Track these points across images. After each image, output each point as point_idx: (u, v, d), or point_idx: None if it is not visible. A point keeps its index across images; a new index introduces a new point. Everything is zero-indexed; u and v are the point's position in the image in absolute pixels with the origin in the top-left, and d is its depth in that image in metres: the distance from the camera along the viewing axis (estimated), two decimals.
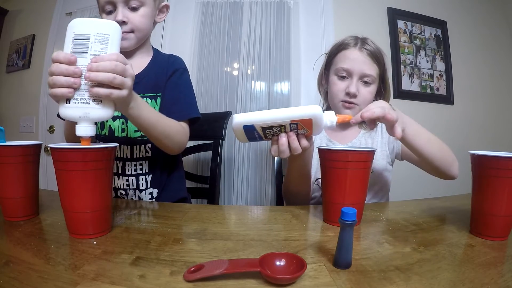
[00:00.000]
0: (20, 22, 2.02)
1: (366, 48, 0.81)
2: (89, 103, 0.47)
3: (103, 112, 0.49)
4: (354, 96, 0.81)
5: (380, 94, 0.87)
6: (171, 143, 0.72)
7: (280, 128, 0.55)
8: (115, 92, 0.49)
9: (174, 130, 0.72)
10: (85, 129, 0.48)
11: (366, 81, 0.82)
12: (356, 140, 0.87)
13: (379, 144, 0.86)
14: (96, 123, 0.49)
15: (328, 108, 0.93)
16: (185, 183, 0.98)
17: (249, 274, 0.33)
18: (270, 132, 0.57)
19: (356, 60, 0.81)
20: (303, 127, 0.55)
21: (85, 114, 0.48)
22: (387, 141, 0.87)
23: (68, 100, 0.47)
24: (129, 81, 0.51)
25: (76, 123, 0.48)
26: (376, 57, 0.81)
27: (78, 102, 0.47)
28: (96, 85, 0.47)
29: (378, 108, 0.57)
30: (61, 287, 0.30)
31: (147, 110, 0.63)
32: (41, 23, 1.88)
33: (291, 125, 0.54)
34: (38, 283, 0.31)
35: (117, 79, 0.48)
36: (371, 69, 0.81)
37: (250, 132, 0.57)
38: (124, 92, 0.50)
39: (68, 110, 0.47)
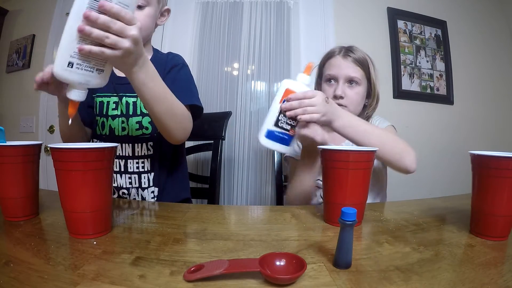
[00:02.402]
0: (20, 22, 2.02)
1: (349, 55, 0.87)
2: (92, 72, 0.47)
3: (101, 81, 0.50)
4: (341, 97, 0.86)
5: (370, 95, 0.91)
6: (175, 124, 0.68)
7: (284, 115, 0.64)
8: (107, 52, 0.46)
9: (180, 111, 0.69)
10: (79, 94, 0.48)
11: (352, 83, 0.87)
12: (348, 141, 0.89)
13: None
14: (97, 122, 0.48)
15: None
16: (189, 184, 0.98)
17: (249, 274, 0.33)
18: (285, 123, 0.64)
19: (340, 66, 0.87)
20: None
21: (86, 81, 0.48)
22: None
23: (70, 63, 0.45)
24: (126, 42, 0.48)
25: (66, 85, 0.49)
26: (360, 61, 0.87)
27: (82, 69, 0.47)
28: (90, 42, 0.45)
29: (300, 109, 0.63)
30: (61, 287, 0.30)
31: (155, 81, 0.60)
32: (41, 23, 1.88)
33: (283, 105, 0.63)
34: (38, 283, 0.31)
35: (110, 38, 0.46)
36: (355, 72, 0.86)
37: (274, 136, 0.63)
38: (117, 53, 0.48)
39: (69, 74, 0.46)
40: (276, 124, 0.63)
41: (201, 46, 1.65)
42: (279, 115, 0.63)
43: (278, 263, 0.35)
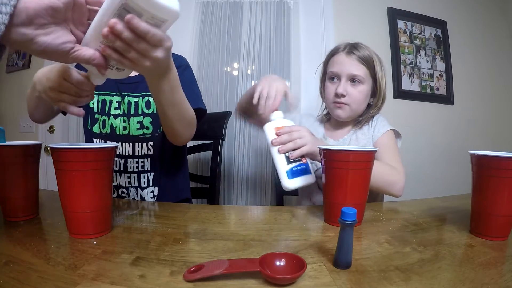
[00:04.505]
0: None
1: (353, 52, 0.84)
2: (111, 69, 0.48)
3: (120, 75, 0.51)
4: (343, 96, 0.84)
5: (375, 94, 0.89)
6: (183, 128, 0.69)
7: None
8: (127, 63, 0.45)
9: (190, 116, 0.69)
10: (99, 80, 0.51)
11: (355, 81, 0.84)
12: (346, 136, 0.91)
13: (364, 142, 0.88)
14: (97, 120, 0.48)
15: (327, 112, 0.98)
16: (189, 184, 0.98)
17: (249, 274, 0.33)
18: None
19: (343, 63, 0.85)
20: None
21: (105, 75, 0.49)
22: (372, 140, 0.88)
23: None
24: (146, 62, 0.45)
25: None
26: (364, 59, 0.84)
27: None
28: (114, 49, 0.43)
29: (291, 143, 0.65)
30: (61, 287, 0.30)
31: (174, 89, 0.58)
32: None
33: None
34: (38, 283, 0.31)
35: (132, 54, 0.43)
36: (359, 70, 0.84)
37: (296, 172, 0.63)
38: (136, 68, 0.47)
39: (90, 66, 0.46)
40: (289, 162, 0.62)
41: (201, 46, 1.65)
42: (285, 153, 0.64)
43: (278, 263, 0.35)
